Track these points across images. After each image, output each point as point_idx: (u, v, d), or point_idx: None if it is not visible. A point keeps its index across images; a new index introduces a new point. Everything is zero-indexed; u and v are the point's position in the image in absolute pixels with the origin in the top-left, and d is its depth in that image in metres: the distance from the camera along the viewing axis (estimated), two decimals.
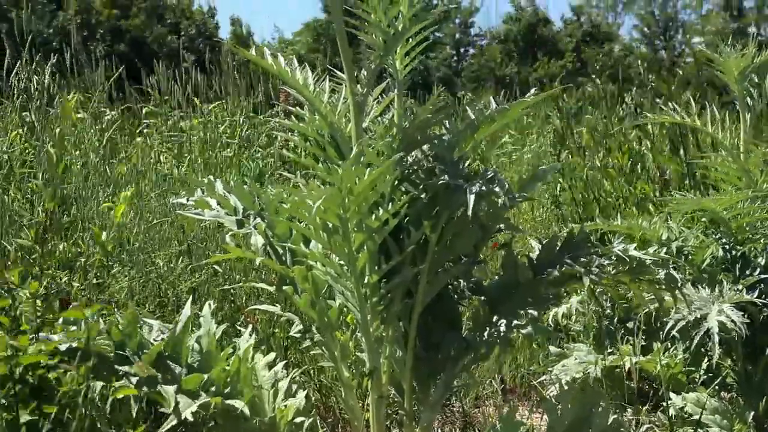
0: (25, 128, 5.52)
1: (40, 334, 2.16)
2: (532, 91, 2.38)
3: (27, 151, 5.13)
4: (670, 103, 3.76)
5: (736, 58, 3.46)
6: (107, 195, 4.88)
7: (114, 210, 3.76)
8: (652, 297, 2.53)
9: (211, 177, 2.54)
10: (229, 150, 6.99)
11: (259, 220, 2.42)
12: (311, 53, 42.03)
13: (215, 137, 7.19)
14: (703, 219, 3.40)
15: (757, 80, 3.48)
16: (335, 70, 2.47)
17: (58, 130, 4.32)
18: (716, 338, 2.72)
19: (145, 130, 7.77)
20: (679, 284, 2.34)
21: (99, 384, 2.06)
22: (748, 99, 3.49)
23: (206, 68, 9.19)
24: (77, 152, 5.40)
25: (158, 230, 4.58)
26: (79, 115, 6.55)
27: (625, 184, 5.40)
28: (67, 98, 3.38)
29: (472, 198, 2.05)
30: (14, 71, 5.82)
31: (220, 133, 7.37)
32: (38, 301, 2.47)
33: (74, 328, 2.15)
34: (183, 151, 7.02)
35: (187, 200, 2.51)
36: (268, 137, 7.38)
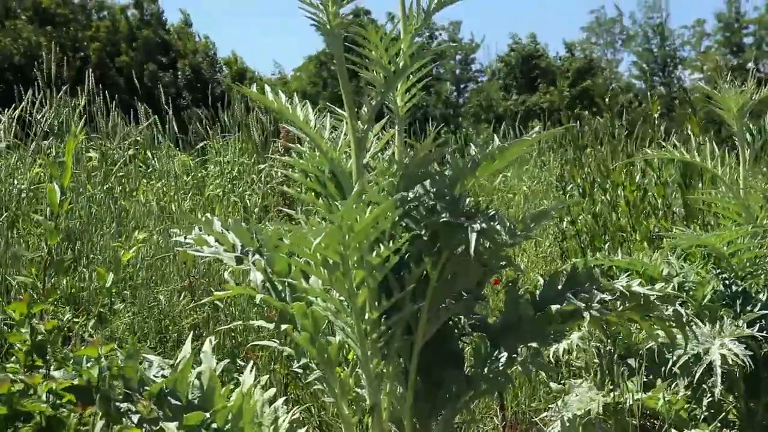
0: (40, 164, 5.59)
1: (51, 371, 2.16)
2: (536, 129, 2.39)
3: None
4: (673, 139, 3.78)
5: (735, 95, 3.47)
6: (112, 232, 4.91)
7: (120, 250, 3.77)
8: (659, 333, 2.52)
9: (208, 215, 2.54)
10: (218, 188, 7.03)
11: (257, 256, 2.42)
12: (312, 87, 42.26)
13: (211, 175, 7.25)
14: (711, 254, 3.40)
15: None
16: (335, 107, 2.48)
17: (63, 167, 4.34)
18: (719, 371, 2.71)
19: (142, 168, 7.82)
20: (687, 321, 2.33)
21: (101, 423, 2.05)
22: (748, 135, 3.50)
23: (207, 105, 9.25)
24: (82, 187, 5.44)
25: (160, 266, 4.59)
26: (90, 154, 6.62)
27: (630, 218, 5.40)
28: (75, 134, 3.38)
29: (473, 236, 2.05)
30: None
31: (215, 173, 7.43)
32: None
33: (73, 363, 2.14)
34: (178, 187, 7.06)
35: (185, 238, 2.51)
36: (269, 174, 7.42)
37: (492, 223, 2.11)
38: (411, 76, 2.38)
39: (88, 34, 35.93)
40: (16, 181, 5.14)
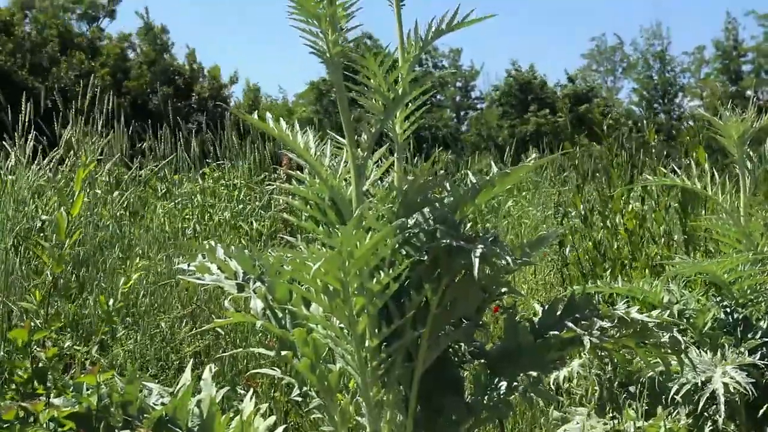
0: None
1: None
2: (533, 156, 2.41)
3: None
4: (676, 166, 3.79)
5: (735, 122, 3.49)
6: (117, 258, 4.91)
7: (123, 277, 3.77)
8: (657, 361, 2.52)
9: (212, 242, 2.55)
10: (226, 213, 7.04)
11: (259, 284, 2.43)
12: (313, 115, 42.37)
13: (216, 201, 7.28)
14: (712, 282, 3.40)
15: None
16: (336, 135, 2.50)
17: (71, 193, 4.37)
18: (722, 399, 2.71)
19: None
20: (684, 348, 2.33)
21: None
22: (748, 162, 3.51)
23: (216, 129, 9.29)
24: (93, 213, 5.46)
25: (162, 294, 4.59)
26: (102, 179, 6.65)
27: (630, 245, 5.41)
28: (85, 164, 3.40)
29: (476, 261, 2.05)
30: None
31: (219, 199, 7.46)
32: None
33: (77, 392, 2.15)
34: (184, 214, 7.07)
35: (188, 266, 2.52)
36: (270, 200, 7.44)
37: (493, 248, 2.11)
38: (410, 104, 2.40)
39: (99, 60, 36.14)
40: (42, 212, 5.18)
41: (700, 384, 2.81)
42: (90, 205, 5.58)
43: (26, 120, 6.61)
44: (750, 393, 2.74)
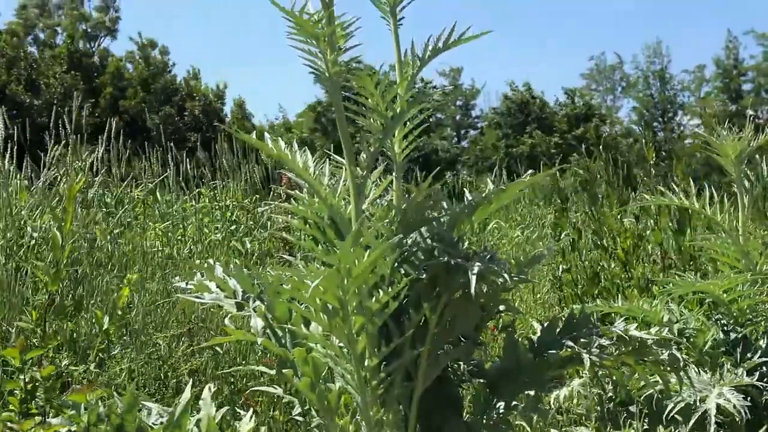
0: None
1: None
2: (529, 172, 2.41)
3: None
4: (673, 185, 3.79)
5: (733, 142, 3.49)
6: (113, 276, 4.91)
7: (118, 294, 3.77)
8: (657, 379, 2.52)
9: (210, 261, 2.55)
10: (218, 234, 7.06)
11: (258, 302, 2.43)
12: (312, 133, 42.46)
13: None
14: (709, 301, 3.40)
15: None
16: (335, 155, 2.50)
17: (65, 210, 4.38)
18: (713, 420, 2.70)
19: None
20: (683, 365, 2.33)
21: None
22: (746, 181, 3.51)
23: (210, 148, 9.31)
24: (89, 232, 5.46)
25: (159, 312, 4.58)
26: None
27: (626, 265, 5.41)
28: (74, 180, 3.42)
29: (473, 278, 2.05)
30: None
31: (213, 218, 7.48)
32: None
33: (74, 411, 2.14)
34: (177, 235, 7.08)
35: (187, 284, 2.52)
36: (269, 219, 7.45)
37: (491, 265, 2.11)
38: (408, 123, 2.40)
39: (100, 80, 36.30)
40: (30, 229, 5.17)
41: (697, 403, 2.80)
42: (84, 223, 5.58)
43: (25, 137, 6.63)
44: (744, 414, 2.72)
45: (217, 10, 72.88)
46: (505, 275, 2.12)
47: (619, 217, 5.79)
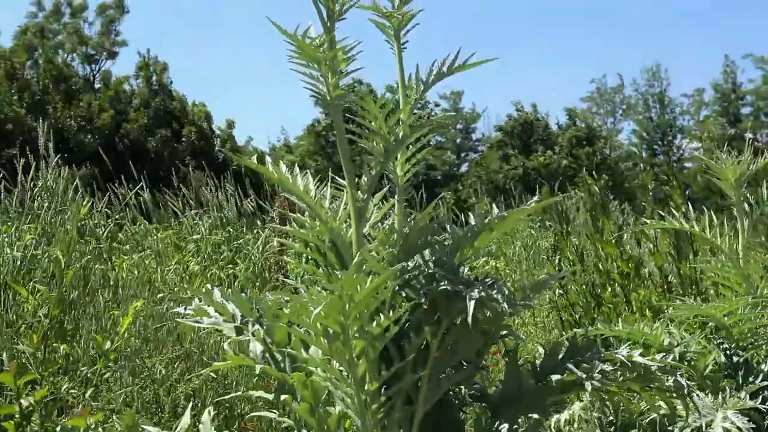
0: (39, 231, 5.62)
1: None
2: (534, 198, 2.41)
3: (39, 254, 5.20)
4: (674, 210, 3.79)
5: (732, 165, 3.49)
6: (107, 301, 4.90)
7: (117, 319, 3.76)
8: (660, 404, 2.51)
9: (209, 285, 2.54)
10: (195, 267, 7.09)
11: (257, 326, 2.42)
12: (313, 156, 42.58)
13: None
14: (711, 325, 3.38)
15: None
16: (336, 177, 2.50)
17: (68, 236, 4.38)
18: None
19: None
20: (688, 391, 2.32)
21: None
22: (746, 205, 3.51)
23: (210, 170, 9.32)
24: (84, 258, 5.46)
25: (156, 336, 4.57)
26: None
27: (625, 289, 5.39)
28: (81, 204, 3.43)
29: (471, 304, 2.05)
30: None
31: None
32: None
33: None
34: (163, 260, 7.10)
35: (185, 309, 2.51)
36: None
37: (491, 292, 2.11)
38: (410, 146, 2.40)
39: (96, 103, 36.42)
40: (10, 249, 5.15)
41: (703, 427, 2.79)
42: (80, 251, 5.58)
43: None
44: None
45: (219, 32, 73.07)
46: (504, 303, 2.11)
47: (620, 240, 5.78)
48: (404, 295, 2.27)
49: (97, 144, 31.29)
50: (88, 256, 5.54)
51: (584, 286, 5.63)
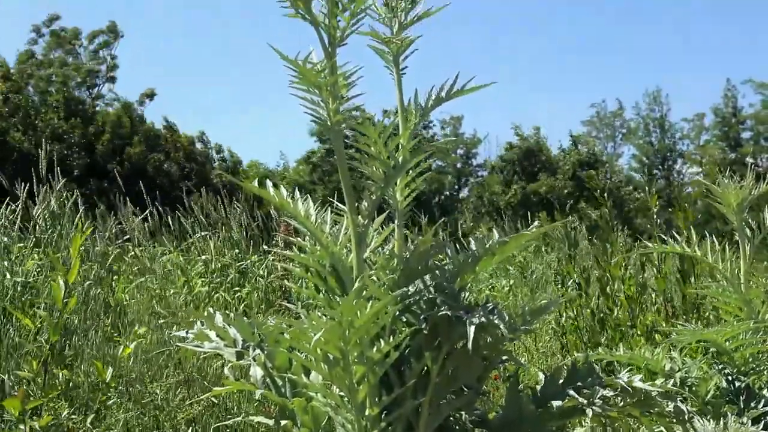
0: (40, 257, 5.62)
1: None
2: (535, 223, 2.41)
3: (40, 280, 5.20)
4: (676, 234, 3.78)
5: (734, 190, 3.49)
6: (107, 326, 4.90)
7: (118, 345, 3.75)
8: (661, 429, 2.50)
9: (211, 309, 2.54)
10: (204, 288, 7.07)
11: (258, 351, 2.41)
12: (312, 180, 42.67)
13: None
14: (712, 350, 3.37)
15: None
16: (337, 202, 2.50)
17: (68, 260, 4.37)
18: None
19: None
20: (689, 417, 2.31)
21: None
22: (747, 230, 3.50)
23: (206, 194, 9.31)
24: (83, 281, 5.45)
25: (156, 361, 4.56)
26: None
27: (630, 313, 5.39)
28: (81, 232, 3.42)
29: (471, 329, 2.04)
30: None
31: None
32: None
33: None
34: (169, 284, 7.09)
35: (187, 333, 2.51)
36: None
37: (491, 317, 2.10)
38: (410, 171, 2.41)
39: (91, 129, 36.58)
40: (10, 275, 5.15)
41: None
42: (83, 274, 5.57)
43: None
44: None
45: (215, 58, 73.35)
46: (504, 329, 2.11)
47: (623, 264, 5.78)
48: (404, 320, 2.26)
49: (97, 167, 31.47)
50: (91, 281, 5.54)
51: (590, 310, 5.63)
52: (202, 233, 8.61)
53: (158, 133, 38.32)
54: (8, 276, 5.09)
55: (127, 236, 8.26)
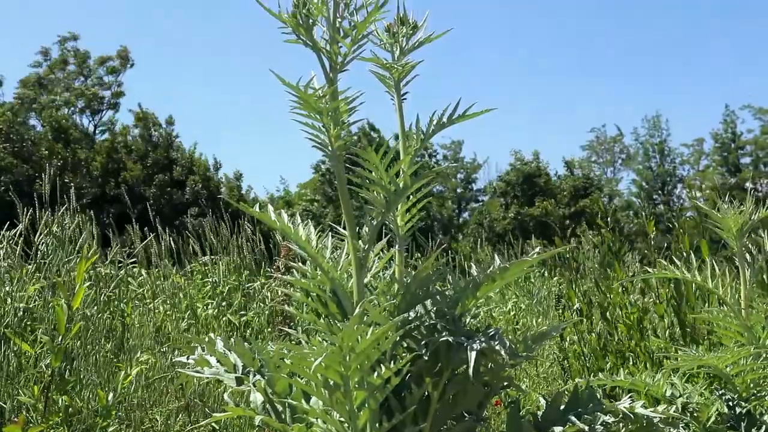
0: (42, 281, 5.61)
1: None
2: (536, 249, 2.41)
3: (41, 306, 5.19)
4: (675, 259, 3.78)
5: (734, 215, 3.49)
6: (107, 351, 4.88)
7: (119, 371, 3.74)
8: None
9: (212, 335, 2.54)
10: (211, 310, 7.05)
11: (258, 377, 2.41)
12: (310, 203, 42.71)
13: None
14: (713, 375, 3.37)
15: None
16: (337, 227, 2.51)
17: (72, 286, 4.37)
18: None
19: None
20: None
21: None
22: (747, 255, 3.51)
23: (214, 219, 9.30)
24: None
25: (157, 387, 4.55)
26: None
27: (631, 338, 5.38)
28: (86, 257, 3.43)
29: (472, 355, 2.04)
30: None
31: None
32: None
33: None
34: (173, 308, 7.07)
35: (188, 359, 2.50)
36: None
37: (492, 343, 2.10)
38: (411, 196, 2.41)
39: (95, 149, 36.71)
40: (11, 300, 5.14)
41: None
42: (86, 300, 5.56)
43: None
44: None
45: (217, 81, 73.56)
46: (505, 354, 2.10)
47: (624, 289, 5.77)
48: (405, 345, 2.26)
49: (95, 191, 31.53)
50: (96, 306, 5.53)
51: (594, 334, 5.62)
52: (210, 257, 8.61)
53: (175, 159, 38.41)
54: (9, 301, 5.08)
55: (134, 259, 8.24)
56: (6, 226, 6.48)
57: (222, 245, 8.79)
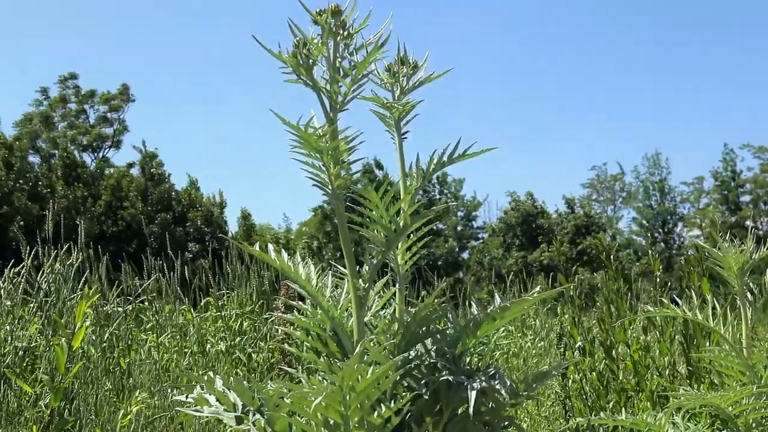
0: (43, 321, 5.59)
1: None
2: (537, 288, 2.41)
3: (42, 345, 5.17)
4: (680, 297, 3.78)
5: (735, 254, 3.49)
6: (107, 390, 4.86)
7: (118, 410, 3.73)
8: None
9: (211, 373, 2.53)
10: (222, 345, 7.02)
11: (258, 416, 2.40)
12: (314, 241, 42.73)
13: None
14: (717, 414, 3.35)
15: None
16: (337, 265, 2.51)
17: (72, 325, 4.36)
18: None
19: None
20: None
21: None
22: (748, 294, 3.50)
23: (212, 259, 9.29)
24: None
25: (157, 426, 4.52)
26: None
27: (634, 377, 5.36)
28: (87, 295, 3.43)
29: (473, 395, 2.03)
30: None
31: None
32: None
33: None
34: (178, 345, 7.04)
35: (187, 397, 2.49)
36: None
37: (493, 382, 2.09)
38: (411, 235, 2.41)
39: (98, 189, 36.83)
40: (11, 339, 5.13)
41: None
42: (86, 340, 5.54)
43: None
44: None
45: (218, 119, 73.87)
46: (505, 394, 2.10)
47: (628, 328, 5.76)
48: (406, 384, 2.25)
49: (98, 229, 31.57)
50: (99, 346, 5.51)
51: (596, 373, 5.61)
52: (219, 292, 8.59)
53: (178, 196, 38.54)
54: (9, 340, 5.07)
55: (142, 298, 8.22)
56: (11, 264, 6.48)
57: (234, 279, 8.78)
